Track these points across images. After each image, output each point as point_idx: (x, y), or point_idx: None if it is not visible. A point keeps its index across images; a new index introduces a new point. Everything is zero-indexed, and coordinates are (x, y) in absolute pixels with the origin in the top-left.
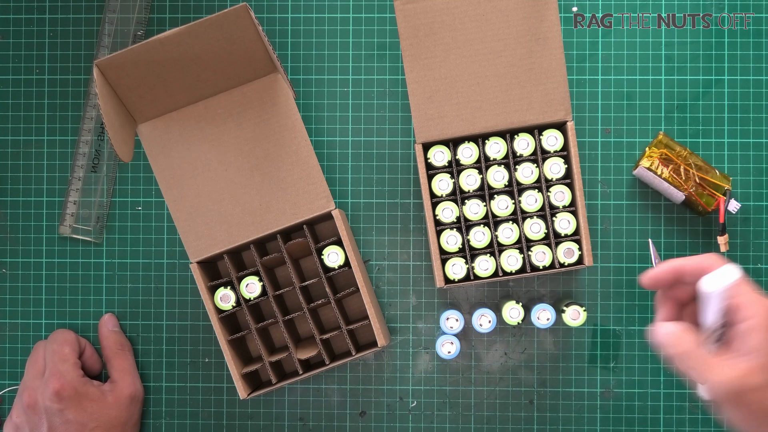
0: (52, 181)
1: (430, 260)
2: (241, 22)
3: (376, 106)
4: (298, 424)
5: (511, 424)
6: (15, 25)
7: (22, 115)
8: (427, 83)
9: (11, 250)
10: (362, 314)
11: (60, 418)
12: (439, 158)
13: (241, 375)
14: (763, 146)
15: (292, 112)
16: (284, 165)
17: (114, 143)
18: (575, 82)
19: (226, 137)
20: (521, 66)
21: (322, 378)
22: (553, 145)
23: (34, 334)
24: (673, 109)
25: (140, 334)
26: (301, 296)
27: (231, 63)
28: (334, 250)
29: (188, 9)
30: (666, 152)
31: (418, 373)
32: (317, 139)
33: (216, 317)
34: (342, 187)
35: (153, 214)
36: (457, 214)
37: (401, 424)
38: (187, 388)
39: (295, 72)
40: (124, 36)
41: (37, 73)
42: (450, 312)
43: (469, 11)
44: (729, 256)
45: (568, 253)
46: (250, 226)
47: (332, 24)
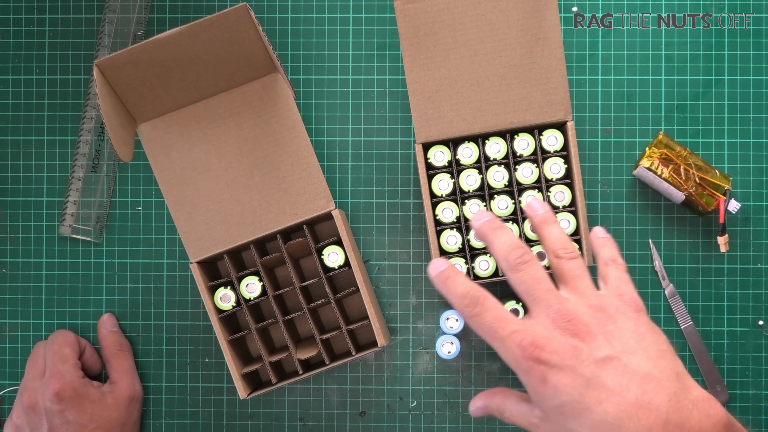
0: (52, 181)
1: (430, 260)
2: (241, 22)
3: (376, 106)
4: (298, 424)
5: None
6: (15, 25)
7: (22, 115)
8: (427, 83)
9: (11, 250)
10: (362, 314)
11: (60, 419)
12: (439, 158)
13: (241, 375)
14: (763, 146)
15: (292, 112)
16: (284, 165)
17: (114, 143)
18: (575, 82)
19: (226, 137)
20: (521, 66)
21: (322, 378)
22: (553, 145)
23: (34, 334)
24: (673, 109)
25: (140, 334)
26: (301, 296)
27: (231, 63)
28: (334, 250)
29: (188, 9)
30: (666, 152)
31: (418, 373)
32: (317, 139)
33: (216, 317)
34: (342, 187)
35: (153, 214)
36: (457, 214)
37: (401, 424)
38: (187, 388)
39: (295, 72)
40: (124, 36)
41: (37, 73)
42: (450, 312)
43: (469, 11)
44: (729, 256)
45: None
46: (250, 226)
47: (332, 24)
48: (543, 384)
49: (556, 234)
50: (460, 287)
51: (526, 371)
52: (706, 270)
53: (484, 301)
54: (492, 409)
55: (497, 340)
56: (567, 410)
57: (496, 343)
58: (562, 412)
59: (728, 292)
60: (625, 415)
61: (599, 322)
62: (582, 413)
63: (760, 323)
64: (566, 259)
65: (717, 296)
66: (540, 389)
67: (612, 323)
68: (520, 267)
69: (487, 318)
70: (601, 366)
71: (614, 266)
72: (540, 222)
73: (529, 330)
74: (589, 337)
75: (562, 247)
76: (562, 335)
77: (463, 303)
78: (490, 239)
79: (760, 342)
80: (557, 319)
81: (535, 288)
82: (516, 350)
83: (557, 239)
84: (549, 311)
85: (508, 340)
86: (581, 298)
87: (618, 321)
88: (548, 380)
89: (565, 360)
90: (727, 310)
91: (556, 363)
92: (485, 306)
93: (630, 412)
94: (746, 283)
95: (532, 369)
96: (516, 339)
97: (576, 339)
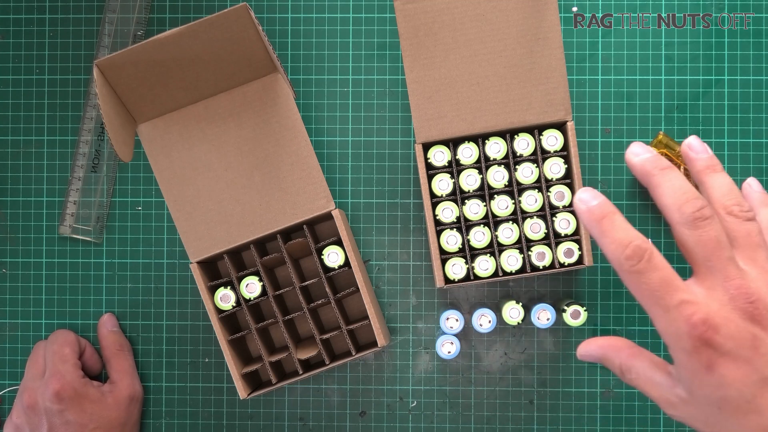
0: (52, 181)
1: (430, 260)
2: (241, 22)
3: (376, 106)
4: (298, 424)
5: (511, 424)
6: (15, 25)
7: (22, 115)
8: (427, 83)
9: (11, 250)
10: (362, 314)
11: (60, 419)
12: (439, 158)
13: (241, 375)
14: (763, 146)
15: (292, 112)
16: (284, 165)
17: (114, 143)
18: (575, 82)
19: (226, 137)
20: (521, 66)
21: (322, 378)
22: (553, 145)
23: (34, 334)
24: (673, 109)
25: (140, 334)
26: (301, 296)
27: (231, 63)
28: (334, 250)
29: (188, 9)
30: (666, 152)
31: (418, 373)
32: (317, 139)
33: (216, 317)
34: (342, 187)
35: (153, 214)
36: (457, 214)
37: (401, 424)
38: (187, 388)
39: (295, 72)
40: (124, 36)
41: (37, 73)
42: (450, 312)
43: (469, 11)
44: None
45: (568, 253)
46: (250, 226)
47: (332, 24)
48: (708, 371)
49: (728, 186)
50: (621, 232)
51: (689, 351)
52: None
53: (651, 256)
54: (612, 363)
55: (660, 308)
56: (729, 406)
57: (657, 310)
58: (721, 406)
59: None
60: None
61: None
62: (748, 414)
63: None
64: (743, 219)
65: None
66: (703, 375)
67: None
68: (698, 223)
69: (654, 278)
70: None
71: (751, 225)
72: (704, 168)
73: (703, 304)
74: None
75: (736, 203)
76: (741, 318)
77: (624, 254)
78: (656, 181)
79: None
80: (737, 297)
81: (716, 253)
82: (682, 325)
83: (730, 191)
84: (728, 285)
85: (674, 311)
86: (763, 274)
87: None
88: (715, 368)
89: (742, 349)
90: None
91: (729, 350)
92: (653, 263)
93: None
94: None
95: (698, 351)
96: (685, 312)
97: (757, 326)
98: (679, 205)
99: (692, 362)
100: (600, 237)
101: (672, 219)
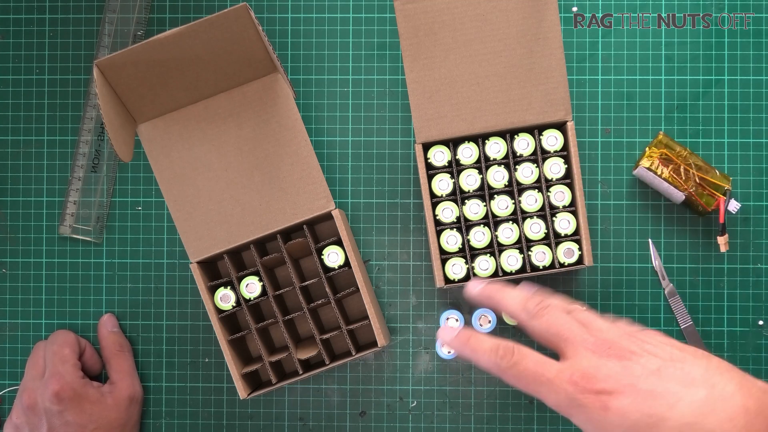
0: (52, 181)
1: (430, 260)
2: (241, 22)
3: (376, 106)
4: (298, 424)
5: (511, 424)
6: (15, 25)
7: (22, 115)
8: (427, 83)
9: (11, 250)
10: (362, 314)
11: (60, 420)
12: (439, 158)
13: (241, 375)
14: (763, 146)
15: (292, 112)
16: (284, 165)
17: (114, 143)
18: (575, 82)
19: (226, 137)
20: (521, 66)
21: (322, 378)
22: (553, 145)
23: (34, 334)
24: (673, 109)
25: (140, 334)
26: (301, 296)
27: (231, 63)
28: (334, 250)
29: (188, 9)
30: (666, 152)
31: (418, 373)
32: (317, 139)
33: (216, 317)
34: (342, 187)
35: (153, 214)
36: (457, 214)
37: (401, 424)
38: (187, 388)
39: (295, 72)
40: (124, 36)
41: (37, 73)
42: (450, 312)
43: (469, 11)
44: (729, 256)
45: (568, 253)
46: (250, 226)
47: (332, 24)
48: (606, 412)
49: (523, 294)
50: (487, 342)
51: (583, 406)
52: (706, 270)
53: (519, 348)
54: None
55: (543, 385)
56: (639, 430)
57: (542, 388)
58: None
59: (728, 292)
60: (703, 411)
61: (636, 343)
62: (657, 425)
63: (760, 323)
64: (577, 312)
65: (717, 296)
66: (603, 419)
67: (647, 342)
68: (542, 313)
69: (529, 363)
70: (658, 375)
71: (578, 312)
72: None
73: (575, 365)
74: (635, 356)
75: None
76: (608, 361)
77: (497, 356)
78: (498, 298)
79: (760, 342)
80: (598, 349)
81: (565, 328)
82: (568, 387)
83: (530, 297)
84: (586, 344)
85: (556, 380)
86: (607, 323)
87: (651, 339)
88: (610, 407)
89: (621, 381)
90: (727, 310)
91: (613, 388)
92: (523, 353)
93: (707, 407)
94: (746, 283)
95: (590, 401)
96: (565, 377)
97: (623, 360)
98: (522, 305)
99: (591, 413)
100: (473, 354)
101: (522, 319)
